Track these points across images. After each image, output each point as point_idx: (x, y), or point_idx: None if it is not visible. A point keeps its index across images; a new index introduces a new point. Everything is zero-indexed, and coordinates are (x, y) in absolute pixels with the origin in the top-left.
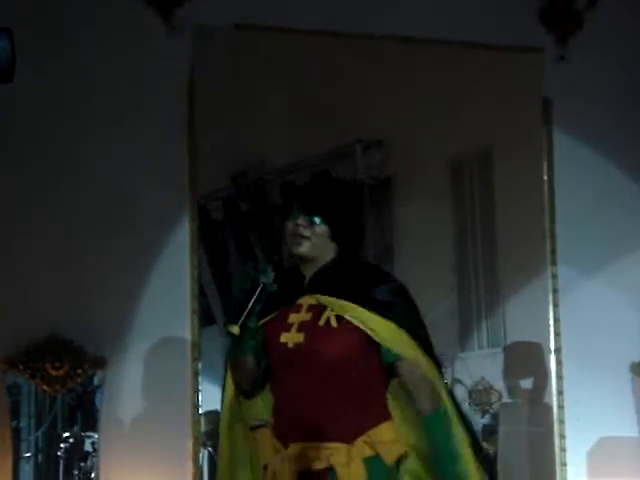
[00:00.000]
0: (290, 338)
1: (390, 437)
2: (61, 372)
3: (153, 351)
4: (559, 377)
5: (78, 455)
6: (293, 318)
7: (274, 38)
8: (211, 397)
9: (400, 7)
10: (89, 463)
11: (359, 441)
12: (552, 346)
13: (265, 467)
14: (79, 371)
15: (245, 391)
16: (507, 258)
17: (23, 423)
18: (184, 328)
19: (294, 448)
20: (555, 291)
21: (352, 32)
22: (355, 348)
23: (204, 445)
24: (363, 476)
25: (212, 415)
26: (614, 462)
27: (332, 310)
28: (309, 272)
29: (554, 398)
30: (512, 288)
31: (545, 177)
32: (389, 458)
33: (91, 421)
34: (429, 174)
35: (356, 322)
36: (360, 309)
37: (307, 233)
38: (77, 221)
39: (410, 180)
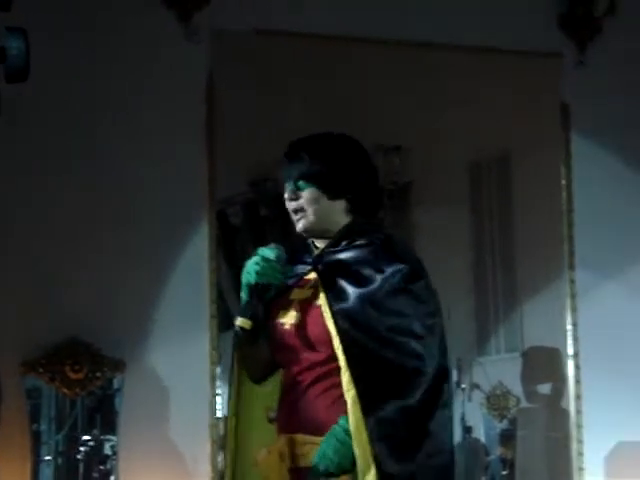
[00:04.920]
0: (287, 317)
1: None
2: (80, 375)
3: (172, 355)
4: (577, 382)
5: (97, 458)
6: (295, 294)
7: (292, 43)
8: None
9: (417, 12)
10: (108, 466)
11: None
12: (570, 351)
13: None
14: (98, 374)
15: (255, 379)
16: (525, 262)
17: (43, 426)
18: (203, 332)
19: (282, 440)
20: (573, 295)
21: (370, 37)
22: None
23: (222, 448)
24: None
25: None
26: (632, 466)
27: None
28: (322, 243)
29: (572, 403)
30: (530, 292)
31: (563, 181)
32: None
33: (110, 424)
34: (447, 179)
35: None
36: (327, 309)
37: (296, 205)
38: (96, 226)
39: (428, 185)
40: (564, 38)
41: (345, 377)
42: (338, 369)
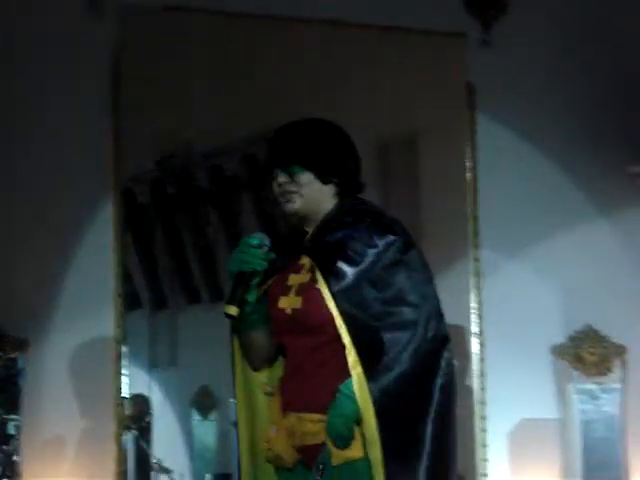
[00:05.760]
0: (288, 303)
1: None
2: None
3: (77, 334)
4: (481, 359)
5: (1, 438)
6: (292, 280)
7: (200, 20)
8: (137, 380)
9: None
10: (11, 446)
11: None
12: (474, 329)
13: None
14: (1, 354)
15: (255, 366)
16: (430, 241)
17: None
18: (108, 311)
19: (290, 418)
20: (477, 274)
21: (276, 14)
22: None
23: (128, 428)
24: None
25: (138, 398)
26: (534, 443)
27: None
28: (311, 228)
29: (476, 380)
30: (435, 271)
31: (468, 162)
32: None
33: (14, 404)
34: None
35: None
36: (326, 291)
37: (292, 188)
38: None
39: None
40: (469, 18)
41: (351, 356)
42: (343, 348)
